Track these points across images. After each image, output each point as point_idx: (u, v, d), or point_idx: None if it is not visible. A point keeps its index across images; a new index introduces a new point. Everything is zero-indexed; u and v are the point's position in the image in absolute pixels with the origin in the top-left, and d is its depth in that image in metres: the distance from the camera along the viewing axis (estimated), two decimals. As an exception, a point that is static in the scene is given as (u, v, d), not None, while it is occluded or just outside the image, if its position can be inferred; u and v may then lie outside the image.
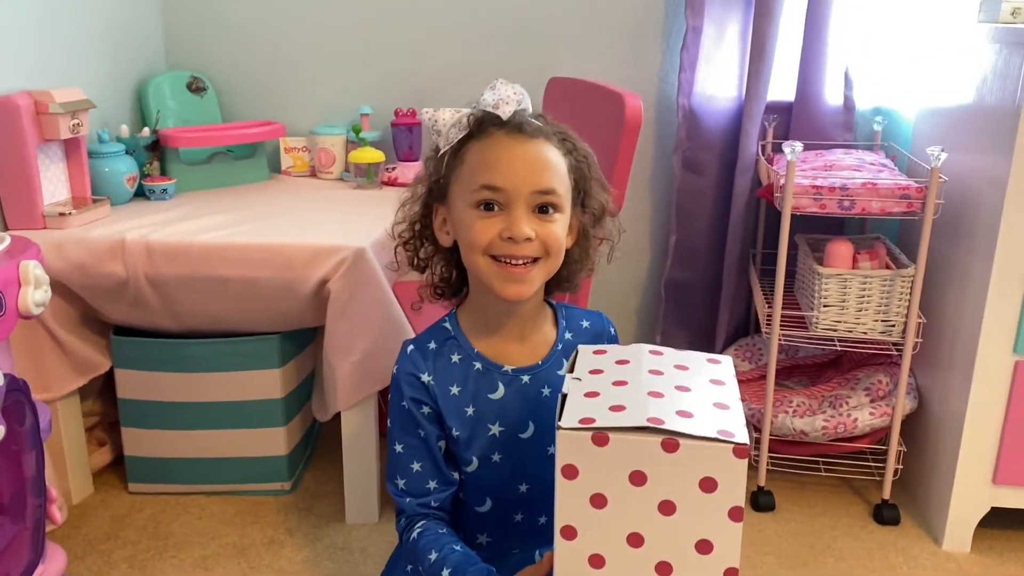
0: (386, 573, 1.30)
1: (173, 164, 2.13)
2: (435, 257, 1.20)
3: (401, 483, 1.17)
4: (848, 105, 2.20)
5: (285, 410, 1.90)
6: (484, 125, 1.10)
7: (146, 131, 2.11)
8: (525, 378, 1.16)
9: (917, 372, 1.97)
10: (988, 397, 1.69)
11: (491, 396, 1.16)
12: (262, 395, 1.87)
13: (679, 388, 0.93)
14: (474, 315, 1.18)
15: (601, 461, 0.86)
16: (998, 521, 1.82)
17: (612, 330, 1.26)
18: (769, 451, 1.94)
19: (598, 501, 0.87)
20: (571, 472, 0.86)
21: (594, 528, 0.88)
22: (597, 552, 0.89)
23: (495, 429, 1.17)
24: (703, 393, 0.93)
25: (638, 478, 0.85)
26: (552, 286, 1.19)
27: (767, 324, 1.89)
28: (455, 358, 1.16)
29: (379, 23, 2.34)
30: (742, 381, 2.20)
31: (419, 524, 1.15)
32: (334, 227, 1.82)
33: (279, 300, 1.73)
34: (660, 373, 0.96)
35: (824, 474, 2.02)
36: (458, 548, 1.11)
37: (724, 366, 1.02)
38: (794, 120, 2.23)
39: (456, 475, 1.19)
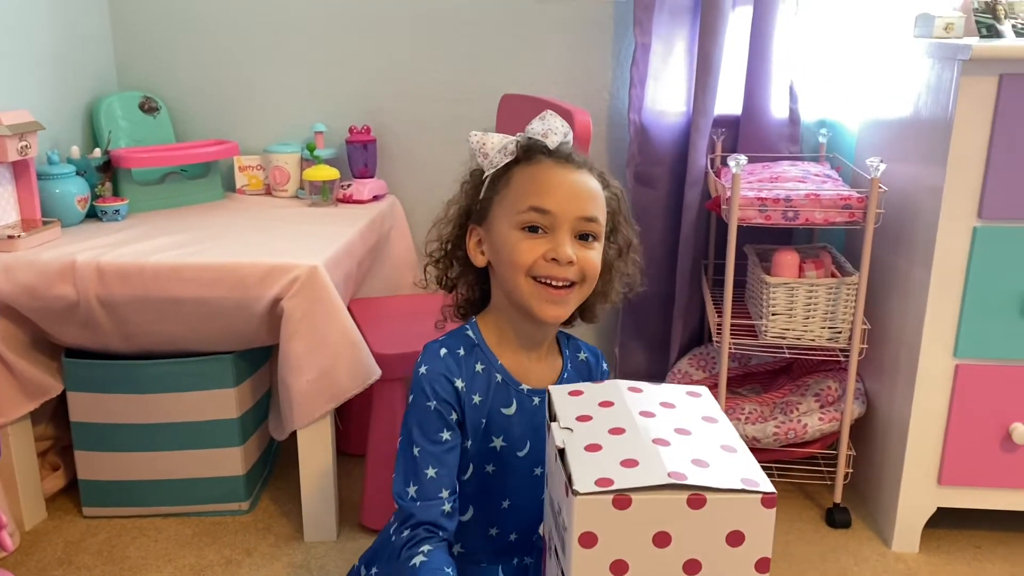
0: None
1: (126, 185, 2.12)
2: (462, 278, 1.23)
3: (412, 490, 1.12)
4: (793, 118, 2.25)
5: (241, 430, 1.89)
6: (532, 152, 1.14)
7: (97, 152, 2.10)
8: (536, 399, 1.19)
9: (865, 377, 2.02)
10: (931, 400, 1.74)
11: (504, 411, 1.18)
12: (217, 415, 1.86)
13: (679, 431, 0.89)
14: (498, 331, 1.20)
15: (623, 525, 0.79)
16: (945, 521, 1.87)
17: (604, 366, 1.28)
18: (723, 458, 1.97)
19: (619, 568, 0.81)
20: (590, 540, 0.79)
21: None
22: None
23: (498, 442, 1.19)
24: (705, 435, 0.89)
25: (662, 539, 0.80)
26: (572, 314, 1.20)
27: (718, 333, 1.93)
28: (479, 367, 1.17)
29: (332, 41, 2.36)
30: (697, 390, 2.23)
31: (424, 547, 1.09)
32: (288, 245, 1.83)
33: (233, 319, 1.73)
34: (652, 415, 0.93)
35: (777, 479, 2.06)
36: None
37: (706, 399, 1.00)
38: (741, 133, 2.28)
39: None
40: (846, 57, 2.24)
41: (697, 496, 0.79)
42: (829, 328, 1.87)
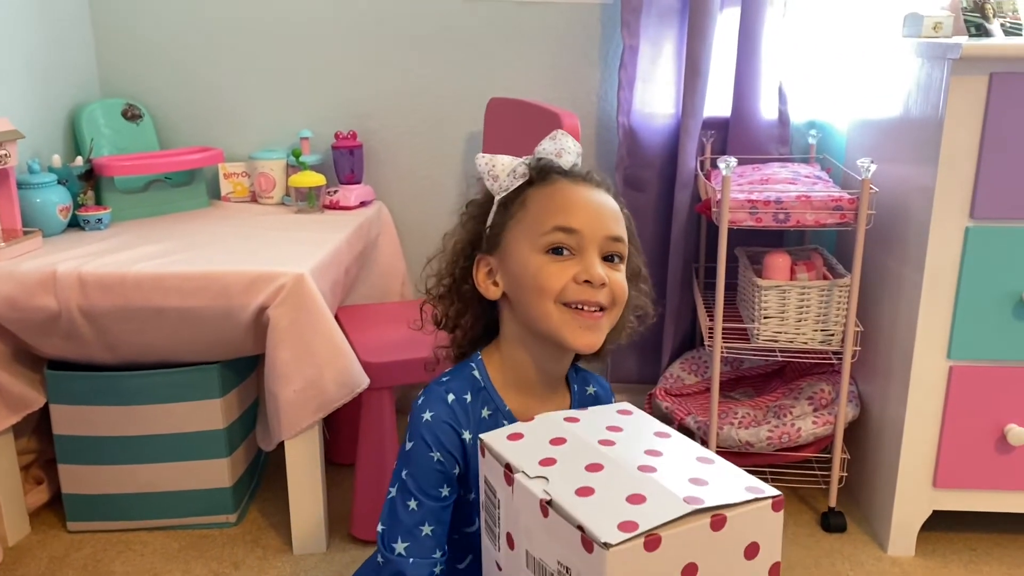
0: None
1: (108, 193, 2.09)
2: (466, 314, 1.14)
3: (403, 546, 1.04)
4: (783, 119, 2.24)
5: (228, 441, 1.86)
6: (545, 173, 1.08)
7: (79, 160, 2.07)
8: None
9: (858, 380, 2.01)
10: (925, 403, 1.73)
11: None
12: (203, 426, 1.83)
13: (651, 453, 0.86)
14: (510, 369, 1.12)
15: (652, 566, 0.74)
16: (940, 524, 1.85)
17: (614, 400, 1.18)
18: (717, 463, 1.95)
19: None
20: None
21: None
22: None
23: None
24: (675, 452, 0.86)
25: (690, 570, 0.76)
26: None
27: (709, 337, 1.91)
28: (485, 413, 1.09)
29: (317, 47, 2.33)
30: (688, 394, 2.22)
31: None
32: (274, 253, 1.80)
33: (218, 329, 1.70)
34: (612, 443, 0.88)
35: (771, 484, 2.03)
36: None
37: (639, 414, 0.97)
38: (731, 135, 2.27)
39: None
40: (834, 58, 2.23)
41: (718, 516, 0.76)
42: (822, 331, 1.86)
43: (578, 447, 0.87)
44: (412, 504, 1.05)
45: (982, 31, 1.82)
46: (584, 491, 0.79)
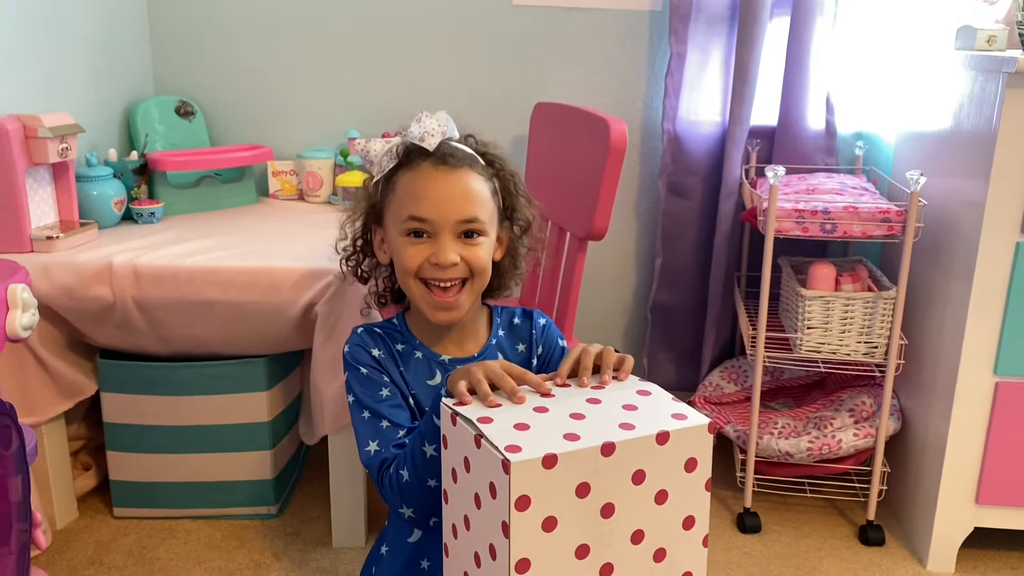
0: None
1: (161, 188, 2.14)
2: (377, 269, 1.29)
3: (374, 445, 1.15)
4: (830, 130, 2.23)
5: (272, 433, 1.89)
6: (412, 156, 1.17)
7: (134, 155, 2.12)
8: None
9: (900, 393, 1.99)
10: (970, 418, 1.71)
11: (429, 382, 1.21)
12: (249, 418, 1.86)
13: (591, 401, 0.95)
14: (419, 320, 1.24)
15: (608, 470, 0.86)
16: (982, 541, 1.83)
17: (542, 321, 1.29)
18: (755, 472, 1.95)
19: (608, 510, 0.87)
20: (584, 490, 0.86)
21: (604, 537, 0.88)
22: (608, 561, 0.89)
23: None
24: (609, 403, 0.95)
25: (639, 476, 0.88)
26: (486, 294, 1.26)
27: (752, 346, 1.91)
28: (399, 347, 1.22)
29: (367, 49, 2.37)
30: (728, 403, 2.21)
31: (391, 465, 1.13)
32: (322, 250, 1.81)
33: (266, 323, 1.73)
34: (552, 396, 0.97)
35: (809, 495, 2.03)
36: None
37: (657, 392, 1.02)
38: (777, 144, 2.26)
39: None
40: (883, 69, 2.22)
41: (663, 433, 0.88)
42: (865, 343, 1.85)
43: (520, 407, 0.95)
44: (364, 415, 1.17)
45: (1037, 45, 1.81)
46: (520, 426, 0.88)
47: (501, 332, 1.27)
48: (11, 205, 1.74)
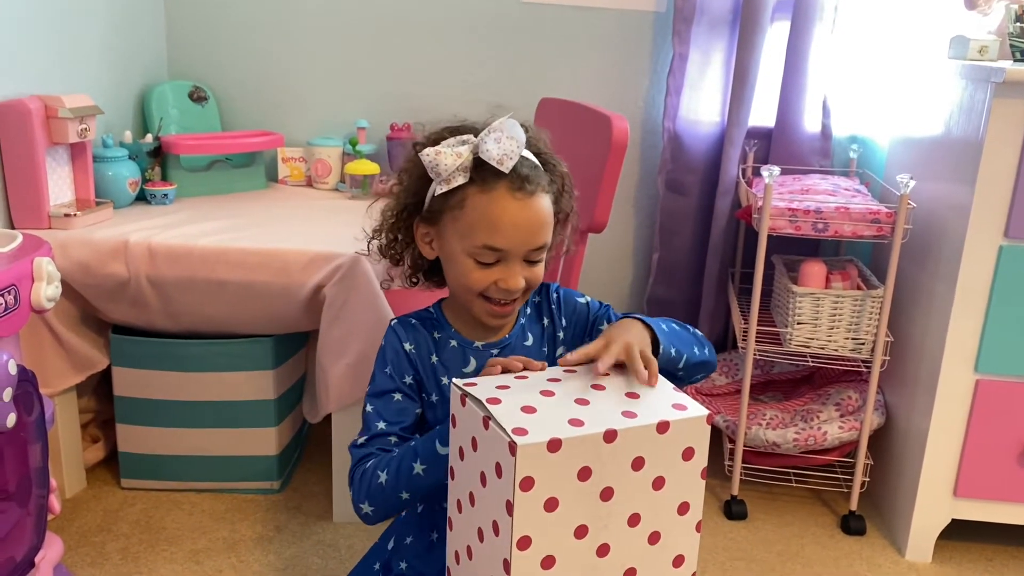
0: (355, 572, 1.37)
1: (174, 170, 2.20)
2: (409, 252, 1.26)
3: (362, 439, 1.18)
4: (825, 133, 2.30)
5: (277, 411, 1.96)
6: (485, 173, 1.12)
7: (149, 137, 2.17)
8: (494, 352, 1.24)
9: (885, 389, 2.06)
10: (950, 414, 1.78)
11: (465, 369, 1.23)
12: (255, 396, 1.93)
13: (595, 387, 0.98)
14: (457, 311, 1.25)
15: (609, 455, 0.89)
16: (958, 533, 1.90)
17: (556, 293, 1.30)
18: (743, 462, 2.02)
19: (607, 494, 0.90)
20: (585, 474, 0.89)
21: (603, 519, 0.91)
22: (605, 542, 0.92)
23: None
24: (613, 390, 0.98)
25: (638, 463, 0.91)
26: None
27: (743, 339, 1.97)
28: (436, 335, 1.24)
29: (377, 40, 2.42)
30: (719, 395, 2.28)
31: (370, 461, 1.16)
32: (330, 235, 1.89)
33: (275, 303, 1.79)
34: (558, 380, 1.00)
35: (794, 485, 2.10)
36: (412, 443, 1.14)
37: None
38: (774, 145, 2.33)
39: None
40: (878, 75, 2.28)
41: (664, 423, 0.91)
42: (853, 339, 1.92)
43: (527, 383, 0.98)
44: (369, 408, 1.20)
45: (1027, 56, 1.87)
46: (527, 409, 0.91)
47: (528, 311, 1.29)
48: (31, 182, 1.80)
